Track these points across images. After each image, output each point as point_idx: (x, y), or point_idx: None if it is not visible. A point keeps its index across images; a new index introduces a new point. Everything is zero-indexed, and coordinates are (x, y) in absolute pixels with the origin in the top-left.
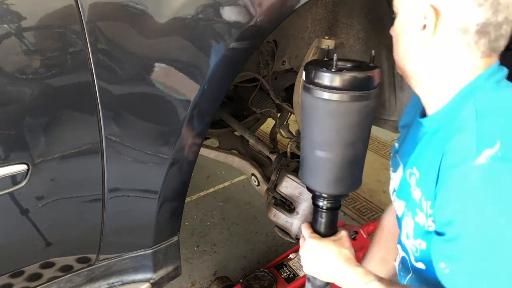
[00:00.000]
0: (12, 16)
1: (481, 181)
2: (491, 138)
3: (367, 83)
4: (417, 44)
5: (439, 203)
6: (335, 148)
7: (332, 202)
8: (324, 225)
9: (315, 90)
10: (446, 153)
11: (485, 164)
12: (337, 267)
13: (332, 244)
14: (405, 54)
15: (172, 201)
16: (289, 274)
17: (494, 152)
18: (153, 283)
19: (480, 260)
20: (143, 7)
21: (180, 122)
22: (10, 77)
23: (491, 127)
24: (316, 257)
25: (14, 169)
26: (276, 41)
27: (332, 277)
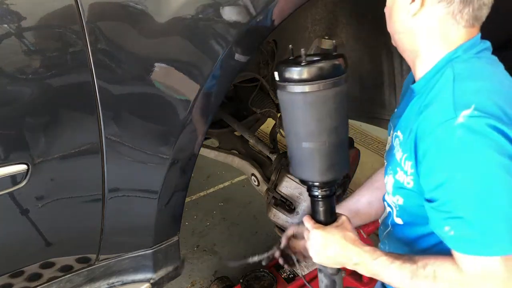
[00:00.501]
0: (12, 16)
1: (464, 138)
2: (467, 101)
3: (336, 70)
4: (407, 16)
5: (423, 170)
6: (321, 137)
7: (327, 190)
8: (324, 214)
9: (291, 86)
10: (425, 114)
11: (464, 122)
12: (345, 250)
13: (335, 230)
14: (397, 27)
15: (172, 201)
16: (289, 274)
17: (471, 111)
18: (153, 283)
19: (480, 209)
20: (143, 7)
21: (180, 122)
22: (10, 77)
23: (466, 90)
24: (323, 245)
25: (14, 169)
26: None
27: (342, 261)
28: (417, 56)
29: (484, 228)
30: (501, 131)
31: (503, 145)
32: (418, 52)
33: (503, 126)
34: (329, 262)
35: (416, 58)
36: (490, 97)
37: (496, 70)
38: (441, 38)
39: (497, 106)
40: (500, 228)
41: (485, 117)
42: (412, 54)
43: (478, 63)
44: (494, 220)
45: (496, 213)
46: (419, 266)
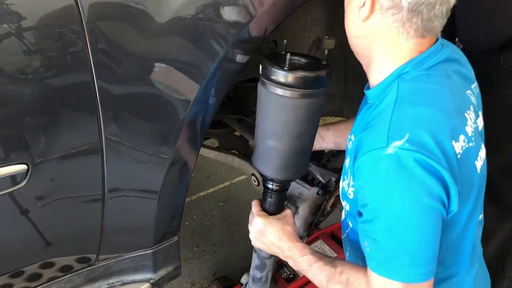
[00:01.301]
0: (12, 16)
1: (388, 169)
2: (401, 131)
3: (316, 82)
4: (357, 20)
5: (356, 186)
6: (284, 139)
7: (280, 186)
8: (272, 205)
9: (269, 85)
10: (364, 134)
11: (392, 154)
12: (280, 241)
13: (276, 221)
14: (351, 30)
15: (172, 201)
16: (289, 274)
17: (402, 143)
18: (153, 283)
19: (391, 240)
20: (143, 7)
21: (180, 122)
22: (10, 77)
23: (404, 118)
24: (261, 232)
25: (14, 169)
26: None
27: (275, 251)
28: (370, 62)
29: (392, 257)
30: (428, 166)
31: (424, 182)
32: (371, 58)
33: (432, 161)
34: (264, 248)
35: (369, 64)
36: (427, 126)
37: (443, 91)
38: (391, 47)
39: (432, 137)
40: (405, 260)
41: (414, 151)
42: (365, 60)
43: (425, 82)
44: (401, 253)
45: (404, 248)
46: (337, 271)
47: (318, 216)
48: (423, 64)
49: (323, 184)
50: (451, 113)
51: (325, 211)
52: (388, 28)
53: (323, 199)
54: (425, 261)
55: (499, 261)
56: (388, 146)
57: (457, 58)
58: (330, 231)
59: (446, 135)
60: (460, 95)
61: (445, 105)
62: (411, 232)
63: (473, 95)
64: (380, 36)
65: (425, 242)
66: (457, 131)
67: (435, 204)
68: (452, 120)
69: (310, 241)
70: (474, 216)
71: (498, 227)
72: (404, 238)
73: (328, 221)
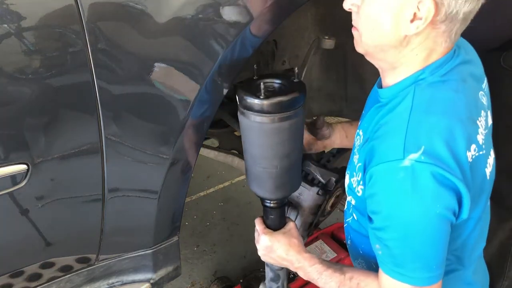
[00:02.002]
0: (12, 16)
1: (404, 181)
2: (417, 142)
3: (292, 104)
4: (400, 31)
5: (368, 192)
6: (273, 161)
7: (278, 203)
8: (274, 221)
9: (249, 114)
10: (379, 142)
11: (408, 166)
12: (288, 255)
13: (282, 236)
14: (384, 41)
15: (172, 201)
16: (289, 274)
17: (418, 156)
18: (153, 283)
19: (403, 247)
20: (143, 7)
21: (180, 122)
22: (10, 77)
23: (420, 128)
24: (269, 249)
25: (14, 169)
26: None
27: (284, 264)
28: (394, 68)
29: (404, 263)
30: (443, 179)
31: (439, 195)
32: (396, 63)
33: (447, 174)
34: (274, 262)
35: (392, 69)
36: (443, 137)
37: (458, 98)
38: (427, 55)
39: (448, 148)
40: (416, 265)
41: (431, 164)
42: (389, 66)
43: (440, 89)
44: (413, 258)
45: (415, 254)
46: (347, 277)
47: (318, 216)
48: (440, 69)
49: (323, 184)
50: (465, 121)
51: (325, 211)
52: (433, 38)
53: (323, 199)
54: (435, 265)
55: (499, 261)
56: (405, 159)
57: (470, 59)
58: (330, 231)
59: (461, 146)
60: (474, 101)
61: (460, 113)
62: (423, 240)
63: (485, 95)
64: (423, 46)
65: (435, 248)
66: (470, 141)
67: (446, 213)
68: (466, 129)
69: (310, 241)
70: (479, 219)
71: (498, 227)
72: (416, 245)
73: (328, 221)
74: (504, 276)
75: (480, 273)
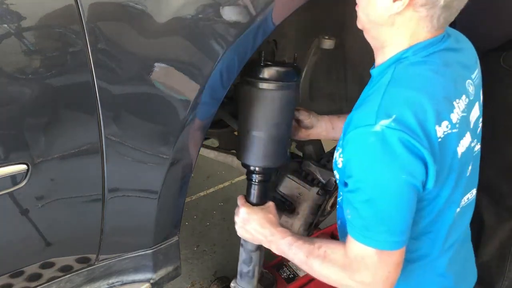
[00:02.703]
0: (12, 16)
1: (374, 145)
2: (389, 111)
3: (286, 75)
4: (386, 12)
5: (345, 158)
6: (262, 127)
7: (261, 176)
8: (255, 197)
9: (247, 79)
10: (357, 111)
11: (379, 131)
12: (262, 228)
13: (259, 210)
14: (373, 18)
15: (172, 201)
16: (289, 274)
17: (388, 122)
18: (153, 283)
19: (371, 209)
20: (143, 7)
21: (180, 122)
22: (10, 77)
23: (393, 99)
24: (245, 221)
25: (14, 169)
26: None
27: (259, 238)
28: (383, 47)
29: (370, 225)
30: (410, 145)
31: (405, 160)
32: (385, 43)
33: (414, 141)
34: (248, 237)
35: (381, 48)
36: (414, 109)
37: (436, 78)
38: (411, 36)
39: (416, 120)
40: (381, 228)
41: (399, 130)
42: (379, 44)
43: (420, 68)
44: (379, 221)
45: (382, 217)
46: (315, 247)
47: (318, 216)
48: (423, 51)
49: (323, 184)
50: (438, 99)
51: (325, 211)
52: (416, 21)
53: (323, 199)
54: (400, 230)
55: (499, 261)
56: (376, 124)
57: (460, 48)
58: (330, 231)
59: (430, 119)
60: (453, 84)
61: (434, 91)
62: (389, 204)
63: (473, 85)
64: (406, 28)
65: (400, 213)
66: (441, 117)
67: (412, 180)
68: (438, 106)
69: None
70: (453, 201)
71: (498, 227)
72: (382, 208)
73: (328, 221)
74: (504, 276)
75: (457, 266)
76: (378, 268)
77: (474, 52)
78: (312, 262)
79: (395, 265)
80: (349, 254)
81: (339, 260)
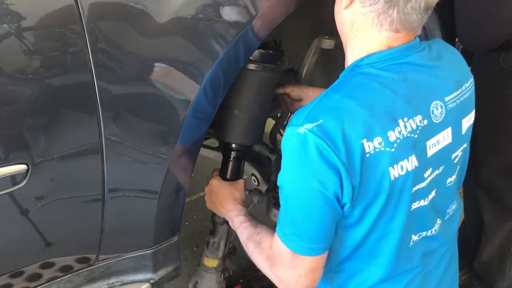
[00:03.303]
0: (12, 16)
1: (294, 147)
2: (316, 116)
3: (262, 56)
4: (340, 8)
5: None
6: (243, 106)
7: (238, 153)
8: (228, 172)
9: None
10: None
11: (301, 133)
12: (224, 202)
13: (228, 185)
14: (336, 17)
15: (172, 201)
16: None
17: (311, 126)
18: (153, 283)
19: (285, 209)
20: (143, 7)
21: (180, 122)
22: (10, 77)
23: (326, 104)
24: (212, 192)
25: (14, 169)
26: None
27: (220, 210)
28: (346, 53)
29: (284, 224)
30: (326, 154)
31: (317, 168)
32: (347, 45)
33: (331, 152)
34: (212, 207)
35: (346, 54)
36: (342, 118)
37: (382, 91)
38: (363, 37)
39: (341, 131)
40: (291, 230)
41: (319, 137)
42: (345, 46)
43: (368, 78)
44: (289, 222)
45: (291, 219)
46: (256, 232)
47: None
48: (378, 61)
49: None
50: (375, 113)
51: None
52: (364, 18)
53: None
54: (308, 237)
55: (499, 261)
56: (301, 126)
57: (434, 66)
58: None
59: (358, 133)
60: (404, 101)
61: (373, 104)
62: (298, 207)
63: (444, 107)
64: (356, 25)
65: (309, 219)
66: (374, 132)
67: (322, 189)
68: (373, 120)
69: None
70: (392, 229)
71: (498, 227)
72: (292, 210)
73: None
74: (504, 276)
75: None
76: (291, 268)
77: (460, 73)
78: (249, 245)
79: (307, 270)
80: (273, 247)
81: (266, 250)
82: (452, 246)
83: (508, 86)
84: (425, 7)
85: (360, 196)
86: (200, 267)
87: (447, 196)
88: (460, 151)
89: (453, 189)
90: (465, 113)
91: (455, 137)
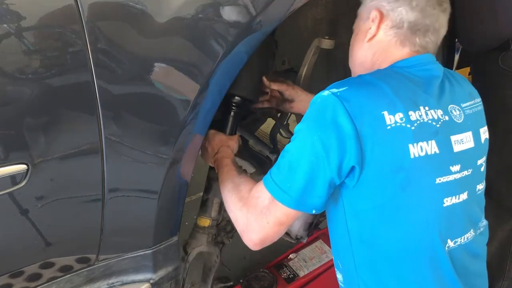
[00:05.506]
0: (12, 16)
1: (315, 103)
2: (345, 84)
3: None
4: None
5: None
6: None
7: (237, 108)
8: (228, 128)
9: None
10: None
11: (325, 95)
12: (218, 146)
13: (224, 137)
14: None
15: (172, 201)
16: (289, 274)
17: (336, 90)
18: (153, 283)
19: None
20: (143, 7)
21: (180, 122)
22: (10, 77)
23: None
24: (208, 140)
25: (14, 169)
26: (276, 41)
27: (212, 155)
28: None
29: (276, 169)
30: (341, 117)
31: (326, 126)
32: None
33: (346, 115)
34: (205, 153)
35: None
36: (368, 91)
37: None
38: (386, 56)
39: (363, 100)
40: (277, 171)
41: (340, 100)
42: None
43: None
44: (281, 167)
45: (283, 162)
46: (239, 176)
47: (318, 216)
48: (407, 67)
49: None
50: (400, 95)
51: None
52: (387, 41)
53: None
54: (290, 186)
55: (499, 261)
56: (327, 90)
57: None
58: None
59: (380, 104)
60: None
61: (399, 89)
62: (291, 155)
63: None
64: (378, 52)
65: (294, 167)
66: (396, 108)
67: (319, 147)
68: (397, 99)
69: (310, 241)
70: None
71: (498, 227)
72: (285, 157)
73: None
74: (504, 277)
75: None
76: (262, 212)
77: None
78: (228, 184)
79: (276, 220)
80: (252, 191)
81: (243, 192)
82: None
83: (506, 87)
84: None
85: (376, 162)
86: (194, 228)
87: (479, 205)
88: (483, 161)
89: (482, 200)
90: (481, 124)
91: (476, 143)
